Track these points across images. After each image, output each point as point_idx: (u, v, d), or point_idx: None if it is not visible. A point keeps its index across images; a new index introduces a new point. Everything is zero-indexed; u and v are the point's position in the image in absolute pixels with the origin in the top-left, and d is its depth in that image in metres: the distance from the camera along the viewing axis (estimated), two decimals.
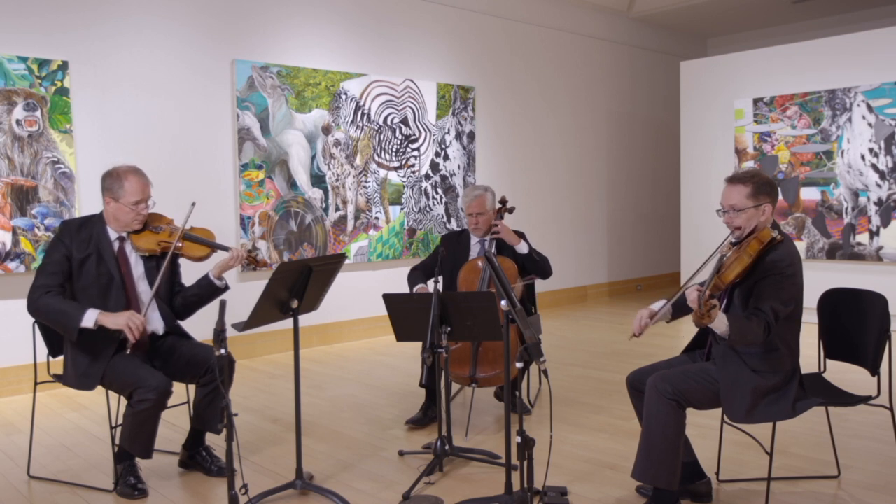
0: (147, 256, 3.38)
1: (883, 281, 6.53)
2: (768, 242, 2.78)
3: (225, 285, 3.46)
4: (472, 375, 3.96)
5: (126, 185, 3.26)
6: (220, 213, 5.93)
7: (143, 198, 3.29)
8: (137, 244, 3.35)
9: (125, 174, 3.29)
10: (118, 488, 3.25)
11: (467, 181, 7.56)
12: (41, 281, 3.20)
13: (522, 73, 8.21)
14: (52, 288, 3.18)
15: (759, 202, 2.86)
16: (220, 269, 3.42)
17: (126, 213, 3.28)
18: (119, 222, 3.32)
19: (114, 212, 3.30)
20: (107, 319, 3.11)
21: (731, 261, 2.75)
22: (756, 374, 2.79)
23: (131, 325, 3.09)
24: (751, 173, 2.95)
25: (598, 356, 5.99)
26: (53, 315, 3.15)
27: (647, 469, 2.82)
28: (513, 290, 2.92)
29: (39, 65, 5.04)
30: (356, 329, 6.81)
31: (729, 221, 2.91)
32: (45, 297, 3.16)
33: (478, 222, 4.28)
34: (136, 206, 3.28)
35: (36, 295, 3.18)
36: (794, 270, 2.79)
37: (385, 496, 3.20)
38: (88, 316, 3.11)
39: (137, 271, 3.37)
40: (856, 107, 6.88)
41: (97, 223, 3.34)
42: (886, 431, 3.66)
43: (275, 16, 6.26)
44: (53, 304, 3.15)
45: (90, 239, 3.29)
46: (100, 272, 3.27)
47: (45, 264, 3.25)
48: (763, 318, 2.70)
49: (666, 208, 9.96)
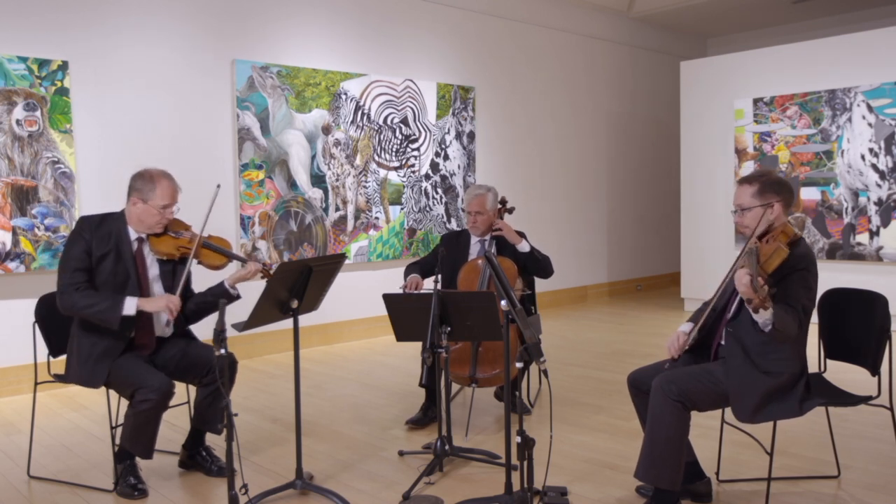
0: (163, 260, 3.39)
1: (883, 281, 6.53)
2: (794, 236, 2.78)
3: (237, 295, 3.48)
4: (472, 375, 3.96)
5: (158, 189, 3.27)
6: (220, 213, 5.92)
7: (171, 202, 3.31)
8: (156, 247, 3.36)
9: (158, 177, 3.30)
10: (118, 488, 3.25)
11: (467, 181, 7.56)
12: (67, 278, 3.19)
13: (522, 73, 8.21)
14: (80, 284, 3.19)
15: (767, 201, 2.86)
16: (236, 280, 3.45)
17: (153, 215, 3.29)
18: (143, 224, 3.32)
19: (139, 213, 3.30)
20: (147, 304, 3.21)
21: (771, 252, 2.68)
22: (766, 376, 2.78)
23: (171, 306, 3.20)
24: (760, 173, 2.97)
25: (598, 356, 5.98)
26: (91, 309, 3.16)
27: (650, 469, 2.82)
28: (513, 290, 2.92)
29: (39, 65, 5.04)
30: (356, 329, 6.81)
31: (738, 221, 2.94)
32: (77, 294, 3.16)
33: (476, 221, 4.28)
34: (164, 209, 3.29)
35: (67, 293, 3.18)
36: (815, 267, 2.81)
37: (385, 496, 3.20)
38: (128, 303, 3.16)
39: (153, 273, 3.38)
40: (856, 107, 6.88)
41: (118, 221, 3.34)
42: (886, 431, 3.66)
43: (275, 16, 6.26)
44: (88, 298, 3.16)
45: (110, 236, 3.29)
46: (117, 270, 3.27)
47: (68, 260, 3.23)
48: (797, 315, 2.70)
49: (666, 208, 9.95)
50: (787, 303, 2.72)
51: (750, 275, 2.51)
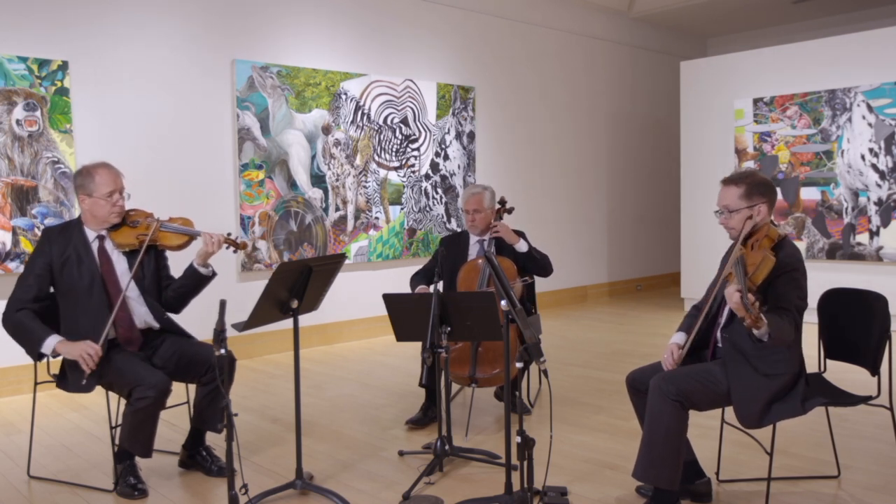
0: (128, 252, 3.37)
1: (883, 281, 6.53)
2: (778, 238, 2.78)
3: (211, 272, 3.45)
4: (472, 375, 3.96)
5: (97, 179, 3.27)
6: (220, 213, 5.93)
7: (115, 188, 3.30)
8: (117, 240, 3.35)
9: (94, 168, 3.31)
10: (118, 488, 3.25)
11: (467, 181, 7.56)
12: (16, 295, 3.25)
13: (523, 73, 8.21)
14: (25, 304, 3.22)
15: (754, 203, 2.87)
16: (202, 257, 3.41)
17: (102, 206, 3.28)
18: (97, 219, 3.32)
19: (90, 208, 3.30)
20: (63, 348, 3.16)
21: (758, 262, 2.67)
22: (767, 378, 2.78)
23: (84, 356, 3.10)
24: (745, 174, 2.96)
25: (598, 356, 5.98)
26: (21, 335, 3.22)
27: (648, 469, 2.82)
28: (513, 289, 2.92)
29: (39, 65, 5.04)
30: (356, 329, 6.81)
31: (724, 222, 2.94)
32: (17, 315, 3.21)
33: (474, 220, 4.28)
34: (110, 197, 3.28)
35: (10, 309, 3.23)
36: (803, 265, 2.82)
37: (385, 496, 3.20)
38: (49, 342, 3.16)
39: (120, 268, 3.36)
40: (856, 107, 6.88)
41: (75, 226, 3.36)
42: (886, 431, 3.66)
43: (275, 16, 6.26)
44: (24, 322, 3.20)
45: (69, 242, 3.30)
46: (80, 273, 3.28)
47: (25, 275, 3.28)
48: (791, 317, 2.70)
49: (666, 208, 9.95)
50: (780, 306, 2.73)
51: (739, 291, 2.50)
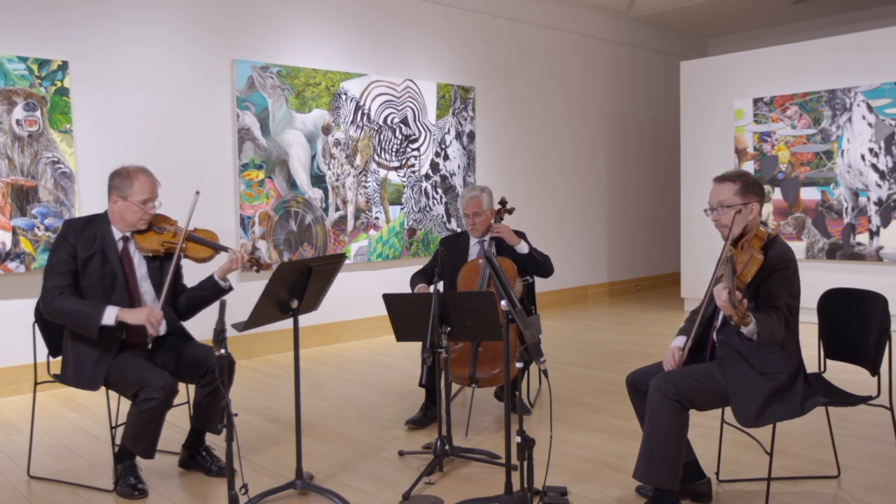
0: (150, 257, 3.38)
1: (883, 281, 6.53)
2: (767, 238, 2.79)
3: (229, 286, 3.47)
4: (472, 375, 3.96)
5: (136, 184, 3.27)
6: (220, 213, 5.93)
7: (151, 197, 3.30)
8: (141, 244, 3.35)
9: (135, 173, 3.30)
10: (118, 488, 3.25)
11: (467, 181, 7.56)
12: (52, 282, 3.18)
13: (522, 73, 8.21)
14: (64, 288, 3.17)
15: (748, 200, 2.89)
16: (224, 272, 3.43)
17: (133, 212, 3.28)
18: (125, 222, 3.31)
19: (121, 211, 3.29)
20: (127, 315, 3.14)
21: (746, 260, 2.70)
22: (764, 377, 2.78)
23: (152, 320, 3.13)
24: (739, 172, 3.00)
25: (598, 356, 5.98)
26: (72, 315, 3.14)
27: (649, 470, 2.82)
28: (513, 289, 2.92)
29: (39, 65, 5.04)
30: (356, 329, 6.81)
31: (717, 219, 2.95)
32: (60, 299, 3.15)
33: (475, 223, 4.28)
34: (143, 205, 3.28)
35: (49, 297, 3.17)
36: (794, 264, 2.82)
37: (385, 496, 3.20)
38: (108, 313, 3.12)
39: (141, 271, 3.37)
40: (856, 107, 6.88)
41: (102, 222, 3.34)
42: (886, 431, 3.66)
43: (275, 15, 6.26)
44: (69, 304, 3.14)
45: (95, 238, 3.28)
46: (104, 272, 3.26)
47: (53, 264, 3.22)
48: (781, 315, 2.70)
49: (666, 208, 9.96)
50: (770, 304, 2.73)
51: (727, 289, 2.52)
